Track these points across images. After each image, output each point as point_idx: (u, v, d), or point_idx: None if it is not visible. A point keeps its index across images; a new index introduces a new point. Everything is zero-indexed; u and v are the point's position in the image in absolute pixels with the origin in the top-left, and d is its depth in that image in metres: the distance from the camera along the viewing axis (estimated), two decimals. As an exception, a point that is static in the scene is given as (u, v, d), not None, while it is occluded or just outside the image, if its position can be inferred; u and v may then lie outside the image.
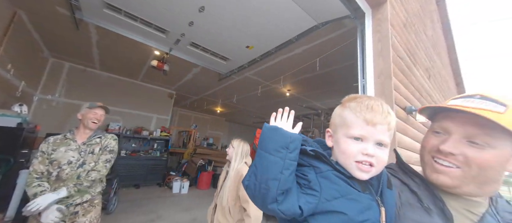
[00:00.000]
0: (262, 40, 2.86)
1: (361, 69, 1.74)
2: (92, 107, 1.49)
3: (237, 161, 1.45)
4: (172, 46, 3.34)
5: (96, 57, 4.33)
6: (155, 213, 3.60)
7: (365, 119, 0.46)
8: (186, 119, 9.21)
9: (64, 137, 1.42)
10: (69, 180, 1.32)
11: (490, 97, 0.44)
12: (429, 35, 3.06)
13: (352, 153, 0.46)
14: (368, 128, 0.45)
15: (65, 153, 1.36)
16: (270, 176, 0.43)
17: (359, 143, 0.46)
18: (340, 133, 0.49)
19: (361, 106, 0.47)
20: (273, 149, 0.45)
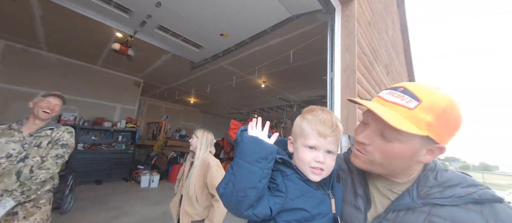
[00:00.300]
0: (237, 29, 2.78)
1: (330, 63, 1.83)
2: (45, 95, 1.36)
3: (202, 150, 1.45)
4: (137, 29, 3.02)
5: (42, 35, 3.68)
6: (119, 209, 3.35)
7: (318, 131, 0.54)
8: (156, 109, 8.62)
9: (8, 127, 1.27)
10: (6, 175, 1.14)
11: (410, 91, 0.46)
12: (389, 34, 3.37)
13: (307, 160, 0.54)
14: (320, 139, 0.54)
15: (5, 144, 1.20)
16: (249, 184, 0.47)
17: (313, 151, 0.55)
18: (299, 142, 0.57)
19: (316, 120, 0.55)
20: (254, 160, 0.49)
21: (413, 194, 0.48)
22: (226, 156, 3.74)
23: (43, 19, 3.13)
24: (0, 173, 1.14)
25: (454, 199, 0.44)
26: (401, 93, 0.47)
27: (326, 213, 0.54)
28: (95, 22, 2.87)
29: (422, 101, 0.43)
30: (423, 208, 0.45)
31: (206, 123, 11.03)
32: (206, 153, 1.46)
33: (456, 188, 0.45)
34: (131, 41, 3.38)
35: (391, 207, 0.49)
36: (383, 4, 3.08)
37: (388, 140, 0.47)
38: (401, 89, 0.47)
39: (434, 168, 0.51)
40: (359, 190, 0.57)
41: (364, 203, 0.54)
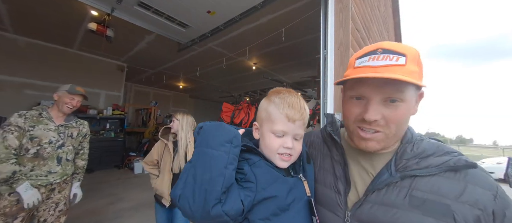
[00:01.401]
0: (225, 5, 2.60)
1: (323, 40, 1.78)
2: (71, 92, 1.45)
3: (185, 130, 1.58)
4: (114, 6, 2.74)
5: (5, 14, 3.28)
6: (114, 196, 3.35)
7: (286, 115, 0.50)
8: (144, 95, 8.30)
9: (39, 115, 1.37)
10: (50, 159, 1.35)
11: (390, 49, 0.44)
12: (381, 11, 3.31)
13: (275, 147, 0.51)
14: (288, 124, 0.50)
15: (44, 131, 1.35)
16: (213, 173, 0.41)
17: (280, 138, 0.51)
18: (265, 128, 0.53)
19: (284, 102, 0.51)
20: (217, 143, 0.45)
21: (392, 169, 0.47)
22: (219, 139, 3.76)
23: (3, -5, 2.76)
24: (46, 157, 1.33)
25: (431, 169, 0.43)
26: (384, 55, 0.44)
27: (301, 197, 0.50)
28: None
29: (406, 55, 0.43)
30: (403, 182, 0.44)
31: (197, 107, 10.87)
32: (190, 133, 1.60)
33: (432, 158, 0.45)
34: (109, 20, 3.10)
35: (370, 188, 0.47)
36: (377, -22, 2.97)
37: (394, 105, 0.45)
38: (380, 51, 0.45)
39: (411, 139, 0.50)
40: (338, 171, 0.54)
41: (344, 185, 0.51)
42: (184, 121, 1.59)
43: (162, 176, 1.54)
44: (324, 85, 1.72)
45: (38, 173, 1.31)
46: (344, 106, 0.54)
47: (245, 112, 3.39)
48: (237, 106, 3.53)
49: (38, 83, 4.36)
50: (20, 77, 4.11)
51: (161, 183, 1.51)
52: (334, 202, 0.51)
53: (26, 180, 1.25)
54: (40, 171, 1.32)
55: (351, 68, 0.50)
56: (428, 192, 0.42)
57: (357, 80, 0.47)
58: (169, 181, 1.51)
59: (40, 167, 1.32)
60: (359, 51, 0.51)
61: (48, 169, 1.34)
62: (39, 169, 1.31)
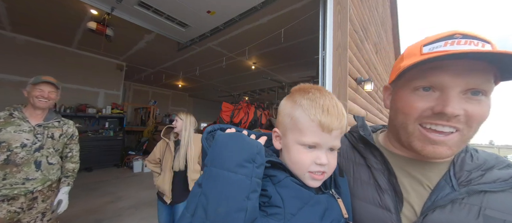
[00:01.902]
0: (225, 5, 2.62)
1: (322, 41, 1.81)
2: (36, 83, 1.28)
3: (188, 129, 1.63)
4: (114, 5, 2.75)
5: (3, 13, 3.27)
6: (114, 194, 3.36)
7: (320, 124, 0.39)
8: (143, 94, 8.29)
9: (9, 116, 1.22)
10: (25, 165, 1.19)
11: (471, 34, 0.36)
12: (379, 12, 3.34)
13: (305, 163, 0.41)
14: (323, 135, 0.40)
15: (14, 133, 1.19)
16: (231, 206, 0.31)
17: (312, 151, 0.41)
18: (291, 138, 0.42)
19: (315, 106, 0.40)
20: (235, 164, 0.34)
21: (452, 182, 0.39)
22: (218, 138, 3.79)
23: (2, -6, 2.76)
24: (19, 163, 1.18)
25: (500, 183, 0.37)
26: (466, 39, 0.36)
27: (338, 220, 0.41)
28: (65, -2, 2.58)
29: (491, 43, 0.36)
30: (471, 199, 0.37)
31: (196, 106, 10.87)
32: (192, 132, 1.65)
33: (496, 171, 0.38)
34: (108, 20, 3.10)
35: (429, 204, 0.38)
36: (375, -21, 3.01)
37: (477, 99, 0.36)
38: (459, 36, 0.37)
39: (464, 147, 0.41)
40: (382, 182, 0.44)
41: (394, 200, 0.41)
42: (187, 121, 1.64)
43: (163, 174, 1.57)
44: (323, 85, 1.75)
45: (12, 181, 1.15)
46: (400, 102, 0.43)
47: (245, 111, 3.42)
48: (237, 106, 3.56)
49: (37, 82, 4.35)
50: (18, 76, 4.09)
51: (163, 180, 1.55)
52: (382, 220, 0.41)
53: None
54: (15, 179, 1.16)
55: (416, 55, 0.40)
56: (506, 212, 0.35)
57: (431, 67, 0.37)
58: (170, 179, 1.55)
59: (14, 175, 1.16)
60: (422, 39, 0.41)
61: (25, 176, 1.19)
62: (13, 177, 1.15)
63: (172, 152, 1.58)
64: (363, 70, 2.16)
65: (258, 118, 3.41)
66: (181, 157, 1.55)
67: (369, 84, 1.91)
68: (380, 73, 3.40)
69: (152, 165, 1.70)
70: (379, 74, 3.28)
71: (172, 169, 1.56)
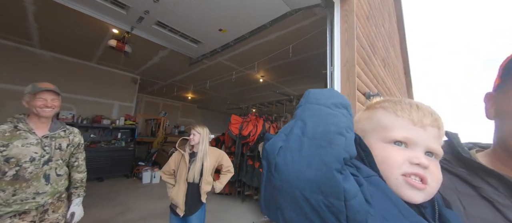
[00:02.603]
0: (236, 24, 2.78)
1: (329, 57, 1.87)
2: (35, 91, 1.19)
3: (205, 143, 1.67)
4: (134, 25, 2.98)
5: (35, 32, 3.60)
6: (124, 205, 3.41)
7: (411, 118, 0.33)
8: (154, 106, 8.58)
9: (14, 128, 1.14)
10: (34, 179, 1.14)
11: None
12: (386, 28, 3.41)
13: (397, 161, 0.32)
14: (416, 130, 0.33)
15: (22, 148, 1.12)
16: (332, 128, 0.29)
17: (404, 149, 0.33)
18: (374, 138, 0.36)
19: (402, 104, 0.36)
20: (332, 104, 0.33)
21: None
22: (227, 150, 3.81)
23: (37, 16, 3.06)
24: (29, 178, 1.13)
25: None
26: None
27: None
28: (90, 19, 2.83)
29: None
30: None
31: (205, 118, 11.05)
32: (207, 144, 1.71)
33: None
34: (128, 38, 3.34)
35: None
36: (380, -3, 3.11)
37: None
38: None
39: None
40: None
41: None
42: (204, 133, 1.68)
43: (177, 186, 1.58)
44: (331, 100, 1.79)
45: (22, 196, 1.11)
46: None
47: (253, 124, 3.47)
48: (246, 118, 3.62)
49: (58, 94, 4.65)
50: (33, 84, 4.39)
51: (177, 192, 1.56)
52: None
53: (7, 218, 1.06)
54: (25, 194, 1.11)
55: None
56: None
57: None
58: (184, 191, 1.56)
59: (24, 190, 1.11)
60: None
61: (35, 190, 1.14)
62: (23, 192, 1.11)
63: (187, 164, 1.61)
64: (371, 85, 2.18)
65: (266, 131, 3.44)
66: (196, 169, 1.58)
67: (377, 99, 1.92)
68: (389, 87, 3.39)
69: (167, 176, 1.72)
70: (388, 88, 3.28)
71: (186, 181, 1.58)
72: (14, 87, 4.08)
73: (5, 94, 3.97)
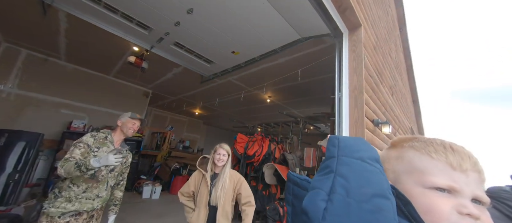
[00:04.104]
0: (248, 48, 2.95)
1: (338, 83, 1.93)
2: (133, 118, 1.58)
3: (228, 165, 1.55)
4: (154, 44, 3.21)
5: (63, 47, 3.91)
6: (122, 220, 3.32)
7: (449, 161, 0.31)
8: (161, 119, 8.74)
9: (105, 138, 1.43)
10: (101, 183, 1.38)
11: None
12: (393, 57, 3.51)
13: (445, 211, 0.29)
14: (456, 175, 0.30)
15: (105, 154, 1.37)
16: (376, 190, 0.27)
17: (449, 197, 0.30)
18: (410, 182, 0.33)
19: (435, 145, 0.33)
20: (368, 157, 0.31)
21: None
22: (230, 169, 3.77)
23: (67, 32, 3.36)
24: (100, 180, 1.36)
25: None
26: None
27: None
28: (115, 37, 3.08)
29: None
30: None
31: (209, 134, 11.07)
32: (230, 166, 1.61)
33: None
34: (146, 55, 3.57)
35: None
36: (387, 29, 3.26)
37: None
38: None
39: None
40: None
41: None
42: (230, 153, 1.60)
43: (198, 211, 1.45)
44: (340, 124, 1.79)
45: (88, 195, 1.31)
46: None
47: (259, 144, 3.46)
48: (251, 138, 3.62)
49: (73, 103, 4.86)
50: (60, 98, 4.62)
51: (198, 218, 1.42)
52: None
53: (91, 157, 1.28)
54: (90, 194, 1.32)
55: None
56: None
57: None
58: (206, 216, 1.41)
59: (92, 190, 1.32)
60: None
61: (97, 193, 1.35)
62: (90, 192, 1.32)
63: (208, 186, 1.47)
64: (379, 112, 2.19)
65: (272, 152, 3.41)
66: (218, 192, 1.45)
67: (387, 127, 1.92)
68: (398, 115, 3.38)
69: (185, 199, 1.56)
70: (396, 116, 3.26)
71: (208, 205, 1.44)
72: (38, 95, 4.33)
73: (27, 101, 4.19)
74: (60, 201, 1.23)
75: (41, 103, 4.38)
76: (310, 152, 2.76)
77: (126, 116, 1.57)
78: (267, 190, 3.25)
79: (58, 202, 1.22)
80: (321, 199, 0.28)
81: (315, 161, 2.69)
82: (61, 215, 1.22)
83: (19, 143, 3.00)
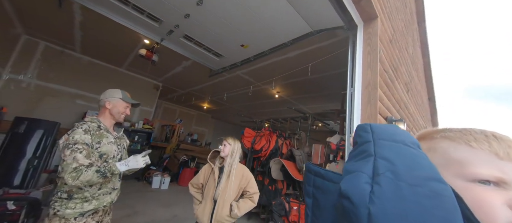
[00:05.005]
0: (257, 41, 2.89)
1: (350, 78, 1.85)
2: (125, 100, 1.37)
3: (234, 156, 1.52)
4: (164, 37, 3.23)
5: (78, 39, 4.03)
6: (132, 208, 3.45)
7: (494, 150, 0.28)
8: (171, 112, 8.92)
9: (98, 128, 1.24)
10: (115, 175, 1.25)
11: None
12: (409, 52, 3.33)
13: (497, 207, 0.26)
14: (505, 164, 0.27)
15: (108, 145, 1.24)
16: (430, 174, 0.24)
17: (497, 190, 0.27)
18: (447, 176, 0.29)
19: (475, 134, 0.30)
20: (410, 142, 0.28)
21: None
22: (237, 163, 3.79)
23: (82, 25, 3.45)
24: None
25: None
26: None
27: None
28: (127, 29, 3.12)
29: None
30: None
31: (217, 128, 11.19)
32: (237, 159, 1.54)
33: None
34: (157, 48, 3.61)
35: None
36: (404, 22, 3.08)
37: None
38: None
39: None
40: None
41: None
42: (235, 146, 1.54)
43: (204, 203, 1.45)
44: (350, 121, 1.73)
45: (104, 190, 1.22)
46: None
47: (267, 139, 3.44)
48: (259, 133, 3.61)
49: (88, 94, 5.05)
50: (74, 89, 4.80)
51: (203, 211, 1.42)
52: None
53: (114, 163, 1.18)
54: (106, 189, 1.23)
55: None
56: None
57: None
58: (210, 209, 1.40)
59: (106, 184, 1.22)
60: None
61: (112, 186, 1.26)
62: (105, 187, 1.22)
63: (216, 179, 1.47)
64: (394, 110, 2.09)
65: (279, 147, 3.38)
66: (222, 185, 1.43)
67: (401, 125, 1.83)
68: (412, 113, 3.23)
69: (194, 190, 1.57)
70: (411, 114, 3.11)
71: (213, 199, 1.43)
72: (55, 86, 4.52)
73: (46, 91, 4.39)
74: (75, 201, 1.10)
75: (58, 93, 4.58)
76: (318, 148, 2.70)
77: (114, 95, 1.34)
78: (274, 185, 3.25)
79: (72, 203, 1.09)
80: (365, 181, 0.25)
81: (323, 158, 2.63)
82: (78, 216, 1.09)
83: (38, 130, 3.15)
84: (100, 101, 1.36)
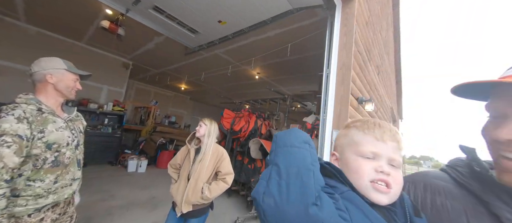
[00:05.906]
0: (236, 17, 2.73)
1: (327, 59, 1.88)
2: (73, 70, 1.10)
3: (211, 138, 1.52)
4: (129, 7, 2.86)
5: (20, 4, 3.37)
6: (106, 192, 3.31)
7: (374, 135, 0.43)
8: (145, 93, 8.35)
9: (39, 111, 0.96)
10: (71, 165, 1.07)
11: None
12: (383, 35, 3.48)
13: (366, 170, 0.41)
14: (379, 144, 0.42)
15: (58, 132, 0.99)
16: (301, 165, 0.35)
17: (371, 161, 0.42)
18: (349, 152, 0.45)
19: (369, 124, 0.45)
20: (297, 142, 0.40)
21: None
22: (217, 144, 3.80)
23: (23, -14, 2.87)
24: (67, 163, 1.05)
25: None
26: None
27: None
28: (83, -4, 2.68)
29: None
30: None
31: (196, 110, 10.90)
32: (214, 140, 1.55)
33: None
34: (122, 20, 3.20)
35: None
36: (380, 5, 3.16)
37: None
38: None
39: None
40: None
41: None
42: (212, 127, 1.55)
43: (178, 182, 1.48)
44: (325, 102, 1.80)
45: (63, 183, 1.03)
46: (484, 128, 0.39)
47: (246, 120, 3.45)
48: (238, 114, 3.60)
49: (43, 72, 4.41)
50: (23, 65, 4.13)
51: (177, 189, 1.45)
52: None
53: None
54: (65, 181, 1.04)
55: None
56: None
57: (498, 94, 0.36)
58: (184, 188, 1.43)
59: (64, 176, 1.04)
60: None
61: (72, 177, 1.08)
62: (62, 179, 1.03)
63: (191, 160, 1.49)
64: (364, 90, 2.22)
65: (258, 128, 3.44)
66: (201, 165, 1.45)
67: (369, 105, 1.96)
68: (381, 95, 3.48)
69: (172, 171, 1.60)
70: (380, 96, 3.36)
71: (187, 178, 1.45)
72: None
73: (-17, 67, 3.71)
74: (26, 198, 0.91)
75: (3, 70, 3.91)
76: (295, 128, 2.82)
77: (56, 66, 1.05)
78: (253, 163, 3.36)
79: (22, 200, 0.90)
80: (262, 186, 0.35)
81: (300, 137, 2.76)
82: (33, 212, 0.94)
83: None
84: (34, 74, 1.02)
